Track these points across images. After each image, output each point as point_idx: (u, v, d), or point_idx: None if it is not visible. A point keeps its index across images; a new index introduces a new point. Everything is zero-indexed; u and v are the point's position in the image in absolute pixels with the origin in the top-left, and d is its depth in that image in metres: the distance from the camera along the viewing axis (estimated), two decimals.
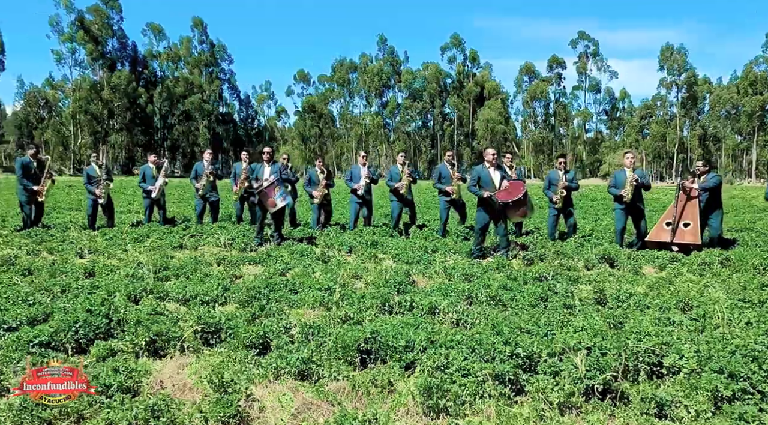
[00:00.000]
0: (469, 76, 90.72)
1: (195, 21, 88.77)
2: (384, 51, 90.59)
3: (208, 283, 6.40)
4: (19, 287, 6.01)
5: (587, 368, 3.95)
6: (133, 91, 79.43)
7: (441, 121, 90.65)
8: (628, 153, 9.82)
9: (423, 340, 4.36)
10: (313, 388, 3.75)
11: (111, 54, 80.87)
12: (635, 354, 4.27)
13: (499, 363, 4.12)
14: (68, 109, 78.47)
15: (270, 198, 9.36)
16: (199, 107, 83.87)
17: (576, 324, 4.90)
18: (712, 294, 6.33)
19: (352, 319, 5.18)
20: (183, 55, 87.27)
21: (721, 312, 5.25)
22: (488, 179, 8.89)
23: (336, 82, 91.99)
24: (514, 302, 5.94)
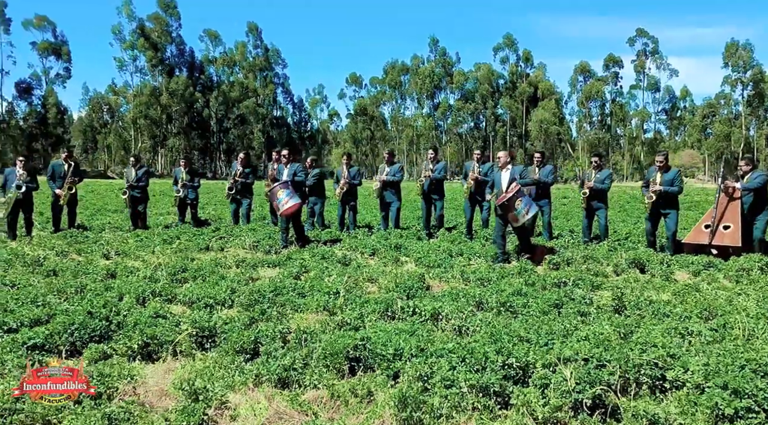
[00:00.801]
0: (522, 76, 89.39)
1: (250, 26, 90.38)
2: (435, 52, 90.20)
3: (219, 286, 6.39)
4: (33, 289, 6.12)
5: (577, 381, 3.72)
6: (190, 96, 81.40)
7: (493, 122, 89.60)
8: (659, 156, 9.39)
9: (413, 348, 4.21)
10: (289, 397, 3.65)
11: (169, 60, 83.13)
12: (637, 366, 4.02)
13: (490, 373, 3.92)
14: (129, 114, 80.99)
15: (274, 201, 9.32)
16: (253, 110, 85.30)
17: (580, 334, 4.66)
18: (741, 303, 5.96)
19: (349, 325, 5.06)
20: (238, 60, 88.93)
21: (742, 323, 4.90)
22: (498, 182, 8.69)
23: (387, 85, 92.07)
24: (526, 309, 5.71)
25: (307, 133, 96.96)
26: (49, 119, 77.13)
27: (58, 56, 78.75)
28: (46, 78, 78.70)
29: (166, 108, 79.82)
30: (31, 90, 77.87)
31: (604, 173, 10.00)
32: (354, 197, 11.55)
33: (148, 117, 78.91)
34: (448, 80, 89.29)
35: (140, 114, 78.54)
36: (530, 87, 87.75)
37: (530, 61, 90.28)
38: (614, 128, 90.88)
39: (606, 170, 10.15)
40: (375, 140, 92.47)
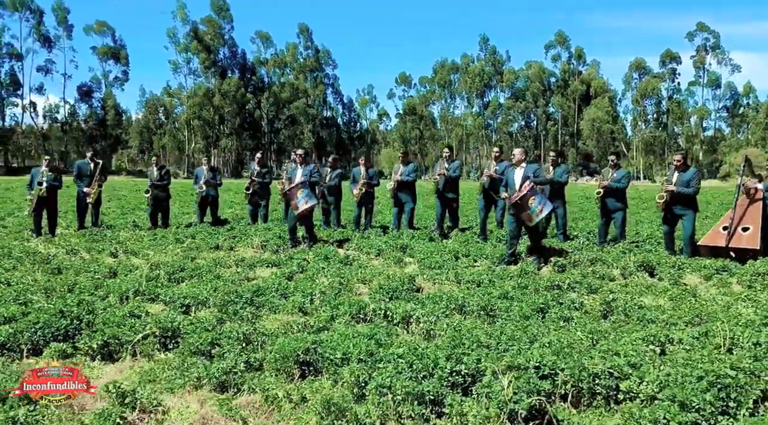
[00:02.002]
0: (574, 74, 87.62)
1: (301, 27, 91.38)
2: (486, 51, 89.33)
3: (201, 286, 6.42)
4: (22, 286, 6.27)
5: (515, 390, 3.55)
6: (242, 97, 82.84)
7: (544, 121, 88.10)
8: (677, 155, 8.99)
9: (362, 353, 4.10)
10: (219, 402, 3.60)
11: (222, 62, 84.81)
12: (592, 375, 3.83)
13: (436, 380, 3.79)
14: (183, 115, 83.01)
15: (293, 200, 9.33)
16: (303, 111, 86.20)
17: (545, 340, 4.47)
18: (740, 310, 5.64)
19: (312, 327, 4.99)
20: (289, 62, 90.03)
21: (724, 331, 4.61)
22: (511, 180, 8.47)
23: (437, 84, 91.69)
24: (506, 314, 5.54)
25: (356, 133, 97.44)
26: (108, 121, 79.81)
27: (116, 60, 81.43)
28: (106, 81, 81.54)
29: (218, 109, 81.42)
30: (92, 93, 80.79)
31: (620, 173, 9.63)
32: (372, 198, 11.50)
33: (202, 118, 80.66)
34: (498, 79, 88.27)
35: (194, 115, 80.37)
36: (582, 85, 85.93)
37: (583, 59, 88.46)
38: (671, 126, 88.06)
39: (623, 170, 9.77)
40: (424, 139, 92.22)
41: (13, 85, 76.90)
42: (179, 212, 15.94)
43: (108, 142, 79.79)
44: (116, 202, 20.00)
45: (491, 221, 11.20)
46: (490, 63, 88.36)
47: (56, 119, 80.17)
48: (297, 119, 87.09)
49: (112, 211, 16.67)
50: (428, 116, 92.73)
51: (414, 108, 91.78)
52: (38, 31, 77.39)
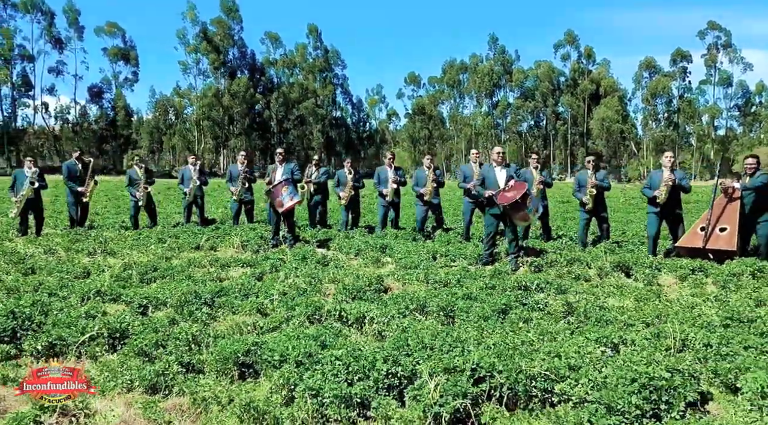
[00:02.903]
0: (583, 73, 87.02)
1: (310, 28, 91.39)
2: (495, 50, 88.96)
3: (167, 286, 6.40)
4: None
5: (441, 393, 3.50)
6: (251, 97, 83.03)
7: (554, 120, 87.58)
8: (668, 152, 8.88)
9: (300, 354, 4.06)
10: (143, 404, 3.56)
11: (231, 63, 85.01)
12: (529, 378, 3.77)
13: (372, 382, 3.75)
14: (193, 115, 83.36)
15: (277, 198, 9.31)
16: (312, 111, 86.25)
17: (490, 341, 4.41)
18: (703, 311, 5.55)
19: (262, 328, 4.97)
20: (298, 62, 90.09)
21: (674, 332, 4.54)
22: (493, 179, 8.38)
23: (446, 84, 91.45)
24: (466, 315, 5.48)
25: (365, 133, 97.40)
26: (118, 121, 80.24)
27: (126, 61, 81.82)
28: (116, 82, 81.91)
29: (228, 109, 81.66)
30: (102, 94, 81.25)
31: (602, 173, 9.56)
32: (358, 200, 11.46)
33: (211, 118, 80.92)
34: (508, 78, 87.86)
35: (203, 115, 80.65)
36: (592, 84, 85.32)
37: (592, 58, 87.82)
38: (683, 125, 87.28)
39: (603, 171, 9.71)
40: (433, 139, 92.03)
41: (25, 86, 77.57)
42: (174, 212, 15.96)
43: (118, 142, 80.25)
44: (114, 202, 20.06)
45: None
46: (500, 62, 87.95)
47: (67, 120, 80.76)
48: (306, 119, 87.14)
49: (107, 210, 16.74)
50: (437, 116, 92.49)
51: (423, 108, 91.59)
52: (50, 33, 77.96)
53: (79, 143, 77.23)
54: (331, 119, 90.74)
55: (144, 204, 11.78)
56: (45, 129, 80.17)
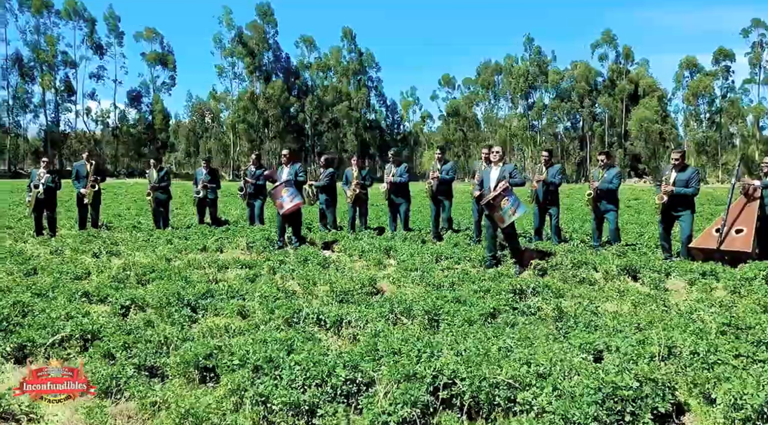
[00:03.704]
0: (622, 73, 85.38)
1: (345, 31, 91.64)
2: (530, 51, 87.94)
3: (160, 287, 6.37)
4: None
5: (391, 401, 3.35)
6: (285, 100, 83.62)
7: (590, 121, 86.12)
8: (674, 153, 8.54)
9: (260, 359, 3.94)
10: (87, 409, 3.48)
11: (266, 66, 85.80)
12: (492, 386, 3.59)
13: (330, 388, 3.62)
14: (228, 119, 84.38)
15: (278, 200, 9.25)
16: (346, 114, 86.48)
17: (461, 347, 4.23)
18: (702, 316, 5.27)
19: (233, 331, 4.87)
20: (332, 65, 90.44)
21: (659, 339, 4.29)
22: (486, 179, 8.18)
23: (480, 85, 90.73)
24: (451, 318, 5.30)
25: (399, 135, 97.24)
26: (156, 125, 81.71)
27: (164, 65, 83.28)
28: (154, 86, 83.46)
29: (262, 113, 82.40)
30: (140, 98, 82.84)
31: (611, 173, 9.23)
32: (365, 199, 11.34)
33: (246, 122, 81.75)
34: (543, 79, 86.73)
35: (238, 119, 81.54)
36: (630, 84, 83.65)
37: (631, 58, 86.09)
38: (726, 125, 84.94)
39: (614, 169, 9.35)
40: (468, 141, 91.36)
41: (67, 91, 79.62)
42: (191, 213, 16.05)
43: (155, 145, 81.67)
44: (140, 203, 20.28)
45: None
46: (535, 63, 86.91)
47: (107, 124, 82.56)
48: (340, 122, 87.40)
49: (129, 211, 16.95)
50: (472, 118, 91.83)
51: (457, 110, 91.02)
52: (91, 39, 79.90)
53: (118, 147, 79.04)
54: (365, 122, 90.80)
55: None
56: (86, 133, 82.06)
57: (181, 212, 16.90)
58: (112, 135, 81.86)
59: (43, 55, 76.29)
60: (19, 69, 76.45)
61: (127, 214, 16.29)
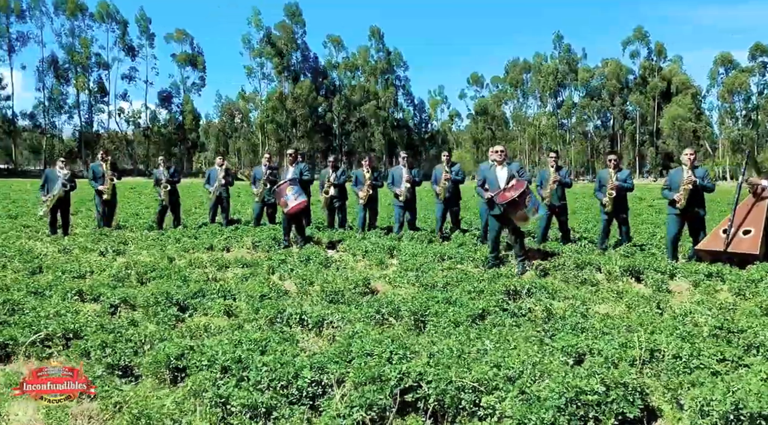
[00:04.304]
0: (654, 70, 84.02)
1: (372, 30, 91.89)
2: (560, 49, 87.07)
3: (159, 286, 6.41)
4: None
5: (348, 404, 3.29)
6: (313, 100, 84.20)
7: (621, 119, 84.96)
8: (688, 150, 8.32)
9: (228, 360, 3.91)
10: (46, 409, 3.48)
11: (295, 66, 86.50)
12: (458, 389, 3.52)
13: (295, 390, 3.58)
14: (257, 119, 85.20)
15: (282, 198, 9.25)
16: (374, 113, 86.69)
17: (435, 348, 4.16)
18: (696, 319, 5.11)
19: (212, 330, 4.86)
20: (360, 64, 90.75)
21: (640, 342, 4.16)
22: (493, 179, 8.03)
23: (509, 84, 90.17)
24: (438, 319, 5.21)
25: (426, 134, 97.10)
26: (186, 125, 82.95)
27: (194, 66, 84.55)
28: (184, 87, 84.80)
29: (290, 112, 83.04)
30: (171, 98, 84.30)
31: (624, 173, 9.03)
32: (375, 199, 11.28)
33: (274, 121, 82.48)
34: (573, 77, 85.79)
35: (267, 119, 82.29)
36: (663, 82, 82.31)
37: (663, 54, 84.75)
38: (762, 123, 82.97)
39: (625, 170, 9.16)
40: (496, 139, 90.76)
41: (100, 92, 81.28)
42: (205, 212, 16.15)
43: (186, 145, 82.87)
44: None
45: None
46: (564, 61, 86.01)
47: (138, 124, 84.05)
48: (367, 121, 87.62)
49: (148, 210, 17.14)
50: (500, 116, 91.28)
51: (486, 108, 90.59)
52: (123, 41, 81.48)
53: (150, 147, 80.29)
54: (392, 121, 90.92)
55: (167, 204, 11.94)
56: (118, 133, 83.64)
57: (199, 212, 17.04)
58: (144, 135, 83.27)
59: (78, 57, 78.00)
60: (54, 71, 78.23)
61: (146, 213, 16.45)
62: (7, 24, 74.54)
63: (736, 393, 3.17)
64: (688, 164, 8.06)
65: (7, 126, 76.03)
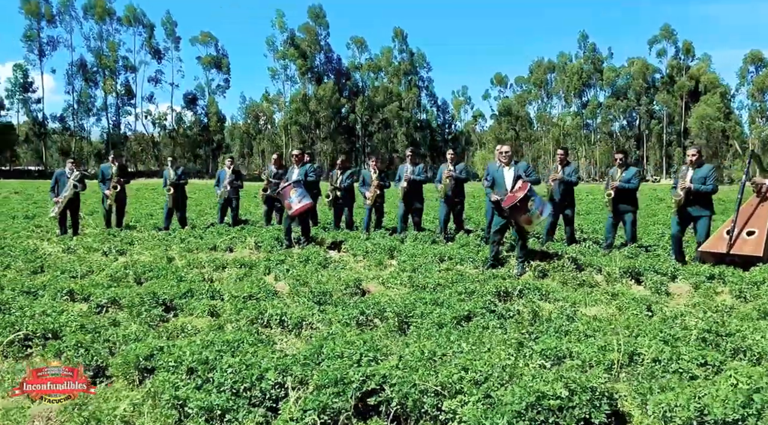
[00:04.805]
0: (681, 69, 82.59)
1: (396, 31, 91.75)
2: (585, 48, 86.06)
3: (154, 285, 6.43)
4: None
5: (302, 407, 3.23)
6: (336, 101, 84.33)
7: (648, 119, 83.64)
8: (691, 149, 8.11)
9: (194, 361, 3.88)
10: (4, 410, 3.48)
11: (318, 68, 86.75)
12: (421, 392, 3.44)
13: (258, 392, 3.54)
14: (281, 121, 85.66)
15: (286, 200, 9.24)
16: (397, 114, 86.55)
17: (407, 351, 4.09)
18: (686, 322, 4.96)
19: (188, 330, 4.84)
20: (383, 66, 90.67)
21: (619, 345, 4.04)
22: (501, 180, 7.91)
23: (533, 84, 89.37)
24: (421, 321, 5.14)
25: (450, 135, 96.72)
26: (211, 127, 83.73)
27: (219, 68, 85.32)
28: (209, 89, 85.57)
29: (314, 114, 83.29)
30: (196, 100, 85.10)
31: (630, 172, 8.83)
32: (382, 199, 11.22)
33: (298, 123, 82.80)
34: (598, 77, 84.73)
35: (290, 120, 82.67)
36: (691, 81, 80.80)
37: (691, 53, 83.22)
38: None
39: (632, 168, 8.94)
40: (520, 140, 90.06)
41: (127, 95, 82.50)
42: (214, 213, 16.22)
43: (211, 147, 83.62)
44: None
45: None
46: (590, 61, 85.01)
47: (164, 126, 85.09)
48: (390, 123, 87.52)
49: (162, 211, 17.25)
50: (524, 117, 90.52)
51: (509, 108, 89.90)
52: (149, 44, 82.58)
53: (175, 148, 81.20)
54: (415, 122, 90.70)
55: (172, 205, 12.01)
56: (145, 135, 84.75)
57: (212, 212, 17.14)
58: (169, 137, 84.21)
59: (105, 61, 79.22)
60: (83, 74, 79.52)
61: (160, 213, 16.58)
62: (38, 29, 76.00)
63: (702, 399, 3.05)
64: (691, 165, 7.88)
65: (38, 128, 77.49)
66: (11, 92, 75.83)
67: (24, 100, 76.65)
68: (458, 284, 6.53)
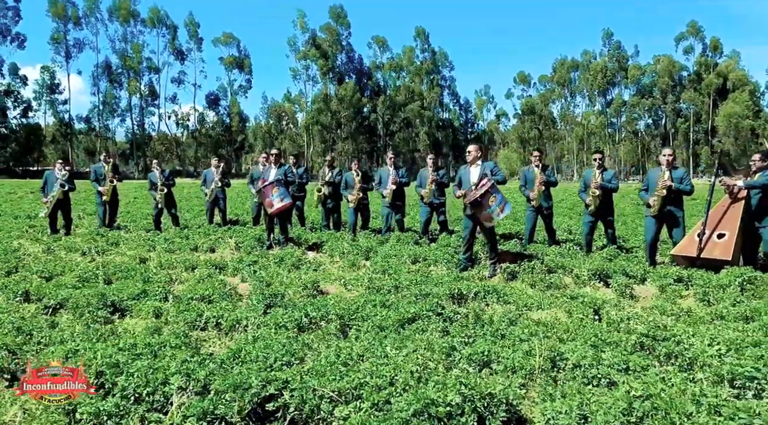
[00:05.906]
0: (709, 67, 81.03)
1: (418, 30, 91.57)
2: (609, 46, 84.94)
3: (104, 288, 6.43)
4: None
5: (185, 413, 3.17)
6: (358, 101, 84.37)
7: (674, 118, 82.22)
8: (666, 149, 7.89)
9: (104, 364, 3.83)
10: None
11: (339, 68, 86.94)
12: (318, 398, 3.37)
13: (160, 397, 3.49)
14: (303, 121, 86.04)
15: (267, 198, 9.21)
16: (418, 113, 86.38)
17: (321, 355, 4.01)
18: (632, 326, 4.81)
19: (119, 332, 4.81)
20: (405, 65, 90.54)
21: (540, 349, 3.92)
22: (466, 179, 7.81)
23: (557, 82, 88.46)
24: (363, 324, 5.05)
25: (472, 134, 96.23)
26: (233, 127, 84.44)
27: (241, 69, 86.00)
28: (231, 89, 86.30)
29: (335, 114, 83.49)
30: (218, 101, 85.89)
31: (610, 173, 8.61)
32: (367, 202, 11.14)
33: (320, 123, 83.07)
34: (623, 75, 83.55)
35: (312, 120, 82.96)
36: (719, 78, 79.24)
37: (719, 50, 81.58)
38: None
39: (611, 170, 8.73)
40: (543, 139, 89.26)
41: (151, 96, 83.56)
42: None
43: (233, 147, 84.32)
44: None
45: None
46: (614, 59, 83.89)
47: (187, 127, 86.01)
48: (412, 122, 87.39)
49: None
50: (548, 116, 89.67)
51: (533, 108, 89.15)
52: (173, 46, 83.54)
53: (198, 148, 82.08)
54: (437, 121, 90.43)
55: (164, 206, 12.06)
56: (168, 135, 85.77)
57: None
58: (192, 137, 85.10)
59: (130, 62, 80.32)
60: (108, 76, 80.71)
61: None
62: (65, 31, 77.33)
63: (589, 406, 2.93)
64: (666, 166, 7.66)
65: (65, 129, 78.85)
66: (39, 94, 77.33)
67: (51, 101, 78.08)
68: (418, 286, 6.42)
